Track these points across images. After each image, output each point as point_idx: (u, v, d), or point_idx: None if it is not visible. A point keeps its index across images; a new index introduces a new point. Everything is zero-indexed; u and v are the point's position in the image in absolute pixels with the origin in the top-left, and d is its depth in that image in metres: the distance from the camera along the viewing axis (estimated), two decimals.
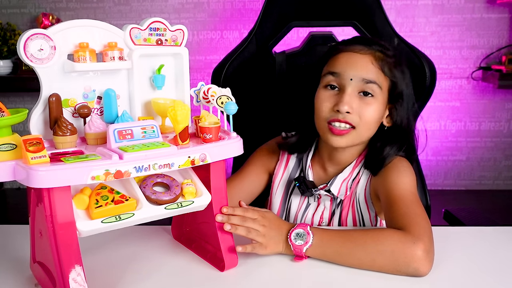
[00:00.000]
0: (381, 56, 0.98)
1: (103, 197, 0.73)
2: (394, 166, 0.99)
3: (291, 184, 1.10)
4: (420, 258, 0.78)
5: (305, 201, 1.08)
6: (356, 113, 0.96)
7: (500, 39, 2.60)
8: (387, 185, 0.95)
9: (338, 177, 1.03)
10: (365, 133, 0.99)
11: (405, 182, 0.94)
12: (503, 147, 2.72)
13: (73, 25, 0.76)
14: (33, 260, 0.79)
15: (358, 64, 0.97)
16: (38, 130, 0.75)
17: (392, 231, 0.83)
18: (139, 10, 2.70)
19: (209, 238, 0.86)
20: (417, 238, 0.80)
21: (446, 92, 2.67)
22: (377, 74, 0.97)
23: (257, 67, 1.29)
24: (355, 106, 0.96)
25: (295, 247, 0.85)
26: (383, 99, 0.99)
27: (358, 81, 0.96)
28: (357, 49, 0.98)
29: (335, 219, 1.05)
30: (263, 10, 1.28)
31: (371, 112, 0.97)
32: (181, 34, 0.85)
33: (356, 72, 0.96)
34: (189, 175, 0.83)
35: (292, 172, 1.11)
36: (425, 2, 2.59)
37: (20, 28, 2.71)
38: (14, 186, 2.87)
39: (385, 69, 0.98)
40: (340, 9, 1.27)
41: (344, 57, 0.99)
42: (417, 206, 0.89)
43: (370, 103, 0.96)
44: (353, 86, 0.96)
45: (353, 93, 0.96)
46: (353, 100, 0.96)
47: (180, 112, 0.75)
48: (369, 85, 0.96)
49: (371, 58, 0.97)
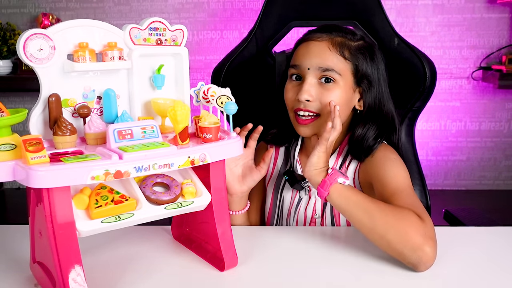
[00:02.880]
0: (340, 41, 1.00)
1: (103, 197, 0.73)
2: (385, 157, 1.00)
3: (281, 179, 1.11)
4: (428, 252, 0.78)
5: (297, 196, 1.08)
6: (317, 100, 0.99)
7: (500, 39, 2.60)
8: (381, 177, 0.96)
9: None
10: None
11: (401, 175, 0.96)
12: (503, 147, 2.72)
13: (73, 25, 0.76)
14: (33, 260, 0.79)
15: (314, 53, 0.99)
16: (38, 130, 0.75)
17: (412, 213, 0.83)
18: (139, 10, 2.70)
19: (209, 238, 0.86)
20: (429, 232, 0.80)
21: (446, 92, 2.67)
22: (336, 59, 0.99)
23: (257, 67, 1.29)
24: (315, 93, 0.98)
25: (334, 171, 0.88)
26: (348, 83, 1.00)
27: (315, 69, 0.98)
28: (314, 37, 1.01)
29: (327, 210, 1.06)
30: (263, 10, 1.28)
31: (333, 97, 0.98)
32: (181, 34, 0.85)
33: (311, 60, 0.99)
34: (189, 175, 0.83)
35: (281, 168, 1.13)
36: (425, 2, 2.59)
37: (20, 28, 2.71)
38: (14, 186, 2.87)
39: (345, 53, 0.99)
40: (340, 9, 1.27)
41: (302, 47, 1.02)
42: (416, 198, 0.90)
43: (331, 89, 0.98)
44: (311, 74, 0.99)
45: (312, 81, 0.99)
46: (313, 88, 0.98)
47: (180, 112, 0.75)
48: (327, 73, 0.98)
49: (327, 44, 0.99)
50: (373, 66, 1.02)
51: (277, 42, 1.29)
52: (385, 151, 1.02)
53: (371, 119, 1.02)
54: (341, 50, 0.99)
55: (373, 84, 1.02)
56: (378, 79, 1.02)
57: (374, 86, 1.02)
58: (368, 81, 1.01)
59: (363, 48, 1.01)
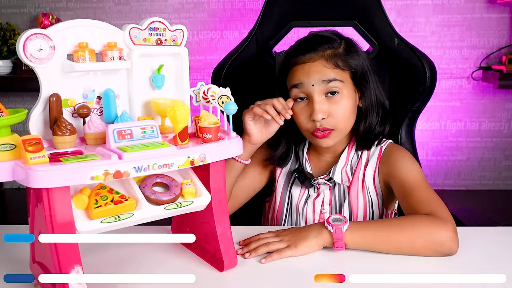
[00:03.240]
0: (331, 54, 1.01)
1: (103, 197, 0.73)
2: (399, 156, 1.05)
3: (291, 176, 1.14)
4: (452, 238, 0.85)
5: (305, 192, 1.12)
6: (330, 116, 1.01)
7: (500, 39, 2.59)
8: (400, 175, 1.01)
9: (337, 166, 1.08)
10: (346, 126, 1.04)
11: (417, 171, 1.02)
12: (503, 147, 2.72)
13: (73, 25, 0.76)
14: (33, 260, 0.79)
15: (312, 72, 1.00)
16: (38, 130, 0.75)
17: (423, 216, 0.89)
18: (139, 10, 2.69)
19: (209, 238, 0.86)
20: (445, 220, 0.87)
21: (446, 92, 2.66)
22: (334, 72, 1.01)
23: (257, 67, 1.29)
24: (326, 109, 1.00)
25: (335, 227, 0.87)
26: (350, 89, 1.03)
27: (320, 84, 1.00)
28: (306, 59, 1.02)
29: (345, 207, 1.08)
30: (263, 10, 1.28)
31: (343, 109, 1.01)
32: (181, 34, 0.85)
33: (314, 77, 1.00)
34: (189, 175, 0.83)
35: (292, 165, 1.15)
36: (425, 2, 2.59)
37: (20, 28, 2.70)
38: (14, 186, 2.86)
39: (339, 63, 1.01)
40: (340, 9, 1.27)
41: (298, 69, 1.03)
42: (433, 192, 0.97)
43: (338, 101, 1.01)
44: (317, 91, 1.00)
45: (321, 98, 1.00)
46: (323, 105, 1.00)
47: (179, 112, 0.75)
48: (332, 84, 1.00)
49: (322, 62, 1.01)
50: (360, 60, 1.04)
51: (277, 42, 1.29)
52: (397, 150, 1.08)
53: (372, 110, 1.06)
54: (335, 62, 1.01)
55: (368, 79, 1.05)
56: (368, 70, 1.06)
57: (369, 80, 1.05)
58: (365, 79, 1.05)
59: (348, 49, 1.04)
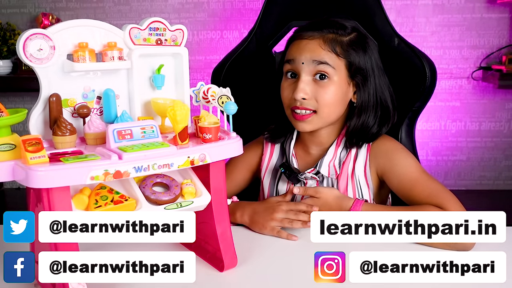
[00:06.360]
0: (331, 37, 1.00)
1: (103, 197, 0.73)
2: (392, 149, 1.04)
3: (277, 172, 1.12)
4: None
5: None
6: (313, 98, 0.99)
7: (500, 39, 2.59)
8: (397, 171, 1.00)
9: (324, 159, 1.06)
10: (329, 115, 1.02)
11: (413, 163, 1.00)
12: (503, 147, 2.72)
13: (73, 25, 0.76)
14: None
15: (306, 49, 1.00)
16: (38, 130, 0.75)
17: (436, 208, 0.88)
18: (138, 10, 2.69)
19: (209, 238, 0.86)
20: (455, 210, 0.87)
21: (446, 92, 2.66)
22: (328, 55, 0.99)
23: (257, 67, 1.29)
24: (310, 91, 0.99)
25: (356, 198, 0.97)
26: (342, 78, 1.01)
27: (309, 63, 0.99)
28: (306, 36, 1.01)
29: None
30: (263, 10, 1.28)
31: (329, 95, 1.00)
32: (181, 34, 0.85)
33: (305, 55, 0.99)
34: (189, 175, 0.83)
35: (277, 162, 1.14)
36: (425, 2, 2.59)
37: (20, 28, 2.70)
38: (14, 186, 2.86)
39: (337, 50, 1.00)
40: (340, 9, 1.27)
41: (295, 44, 1.03)
42: (435, 181, 0.95)
43: (326, 86, 0.99)
44: (306, 70, 0.99)
45: (307, 78, 0.99)
46: (308, 86, 0.99)
47: (179, 112, 0.75)
48: (321, 66, 0.99)
49: (319, 42, 1.00)
50: (366, 57, 1.03)
51: (277, 42, 1.29)
52: (389, 142, 1.06)
53: (368, 109, 1.04)
54: (333, 47, 1.00)
55: (367, 77, 1.03)
56: (372, 70, 1.03)
57: (369, 79, 1.03)
58: (363, 75, 1.02)
59: (355, 41, 1.02)
